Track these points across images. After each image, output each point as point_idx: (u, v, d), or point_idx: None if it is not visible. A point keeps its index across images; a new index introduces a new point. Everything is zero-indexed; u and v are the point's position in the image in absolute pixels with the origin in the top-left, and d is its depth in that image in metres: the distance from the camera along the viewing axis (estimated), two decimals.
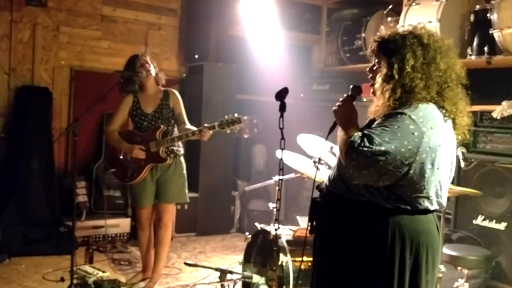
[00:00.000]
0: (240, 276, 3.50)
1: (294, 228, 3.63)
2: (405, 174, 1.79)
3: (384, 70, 1.91)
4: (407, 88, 1.85)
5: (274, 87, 2.30)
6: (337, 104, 1.97)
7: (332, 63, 5.77)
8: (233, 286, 3.39)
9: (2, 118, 5.01)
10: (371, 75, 2.01)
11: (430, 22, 4.13)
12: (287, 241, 3.37)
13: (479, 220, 3.85)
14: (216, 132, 3.59)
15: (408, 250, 1.85)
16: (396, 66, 1.86)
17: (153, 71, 3.79)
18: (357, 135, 1.78)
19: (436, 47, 1.90)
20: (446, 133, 1.88)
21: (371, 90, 2.01)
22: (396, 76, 1.86)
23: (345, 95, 2.00)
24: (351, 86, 2.03)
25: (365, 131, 1.79)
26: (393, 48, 1.90)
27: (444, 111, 1.89)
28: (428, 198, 1.88)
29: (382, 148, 1.72)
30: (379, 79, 1.93)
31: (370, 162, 1.72)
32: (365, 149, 1.72)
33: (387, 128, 1.77)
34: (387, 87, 1.87)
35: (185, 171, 3.87)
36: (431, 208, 1.91)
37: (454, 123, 1.94)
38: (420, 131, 1.77)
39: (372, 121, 1.98)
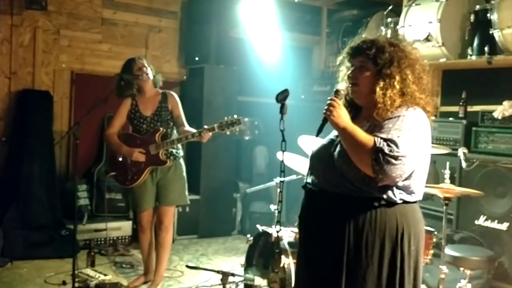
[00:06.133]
0: (242, 278, 3.51)
1: (296, 230, 3.62)
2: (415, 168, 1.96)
3: (381, 79, 2.01)
4: (407, 98, 2.00)
5: (274, 88, 2.30)
6: (331, 108, 1.96)
7: (332, 64, 5.76)
8: None
9: (3, 122, 5.01)
10: (353, 79, 2.08)
11: (430, 22, 4.13)
12: (289, 243, 3.37)
13: (481, 221, 3.84)
14: (216, 133, 3.59)
15: (412, 238, 2.00)
16: (398, 77, 1.99)
17: (150, 74, 3.79)
18: (380, 141, 1.86)
19: (420, 63, 2.08)
20: (429, 130, 2.06)
21: (352, 90, 2.09)
22: (397, 87, 1.99)
23: (329, 98, 2.00)
24: (334, 89, 2.07)
25: (384, 136, 1.88)
26: (389, 59, 2.01)
27: (426, 112, 2.06)
28: (420, 188, 2.04)
29: (408, 151, 1.86)
30: (377, 89, 2.00)
31: (398, 165, 1.85)
32: (396, 154, 1.84)
33: (401, 131, 1.90)
34: (391, 97, 1.98)
35: (185, 173, 3.87)
36: (420, 198, 2.07)
37: None
38: (423, 130, 1.98)
39: (373, 124, 2.01)
